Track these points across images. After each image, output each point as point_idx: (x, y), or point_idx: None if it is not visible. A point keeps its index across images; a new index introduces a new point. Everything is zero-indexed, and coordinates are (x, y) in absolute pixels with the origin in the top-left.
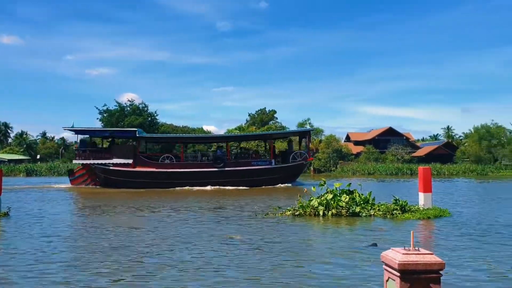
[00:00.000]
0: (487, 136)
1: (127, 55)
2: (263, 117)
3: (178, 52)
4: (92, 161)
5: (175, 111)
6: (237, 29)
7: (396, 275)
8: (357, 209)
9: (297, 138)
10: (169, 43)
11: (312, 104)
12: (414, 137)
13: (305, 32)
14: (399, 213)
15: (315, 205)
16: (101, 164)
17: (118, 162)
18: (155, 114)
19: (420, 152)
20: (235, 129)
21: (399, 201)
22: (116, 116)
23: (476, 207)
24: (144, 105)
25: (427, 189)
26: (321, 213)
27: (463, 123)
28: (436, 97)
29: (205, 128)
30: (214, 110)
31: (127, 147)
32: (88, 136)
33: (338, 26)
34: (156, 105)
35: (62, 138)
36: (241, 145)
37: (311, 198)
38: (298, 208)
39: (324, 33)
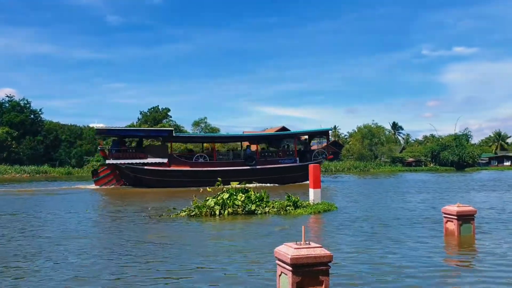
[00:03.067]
0: (369, 135)
1: (3, 47)
2: (156, 115)
3: (64, 45)
4: (126, 161)
5: (62, 108)
6: (128, 24)
7: (288, 269)
8: (253, 207)
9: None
10: (53, 35)
11: (208, 103)
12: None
13: (199, 30)
14: (292, 209)
15: (211, 205)
16: (132, 163)
17: (154, 161)
18: (39, 112)
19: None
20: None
21: (291, 197)
22: None
23: (359, 201)
24: (26, 102)
25: (316, 185)
26: (217, 212)
27: (348, 123)
28: (324, 99)
29: (94, 126)
30: (104, 108)
31: (162, 146)
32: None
33: (231, 26)
34: (39, 102)
35: None
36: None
37: (207, 198)
38: (194, 208)
39: (218, 31)
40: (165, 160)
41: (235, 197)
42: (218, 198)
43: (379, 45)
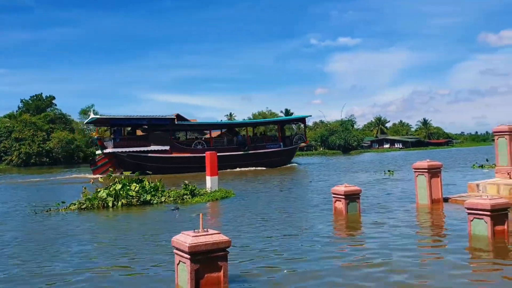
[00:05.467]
0: None
1: None
2: (39, 104)
3: None
4: (130, 149)
5: None
6: (6, 4)
7: (186, 258)
8: (148, 197)
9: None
10: None
11: (96, 90)
12: None
13: (88, 14)
14: (189, 198)
15: (103, 197)
16: (135, 151)
17: (156, 149)
18: None
19: (207, 138)
20: (5, 117)
21: (188, 186)
22: None
23: (255, 186)
24: None
25: (213, 172)
26: (110, 204)
27: (243, 110)
28: (220, 86)
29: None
30: None
31: (164, 134)
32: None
33: (122, 10)
34: None
35: None
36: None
37: (98, 190)
38: (85, 201)
39: (107, 16)
40: (168, 148)
41: (128, 187)
42: (111, 189)
43: (271, 34)
